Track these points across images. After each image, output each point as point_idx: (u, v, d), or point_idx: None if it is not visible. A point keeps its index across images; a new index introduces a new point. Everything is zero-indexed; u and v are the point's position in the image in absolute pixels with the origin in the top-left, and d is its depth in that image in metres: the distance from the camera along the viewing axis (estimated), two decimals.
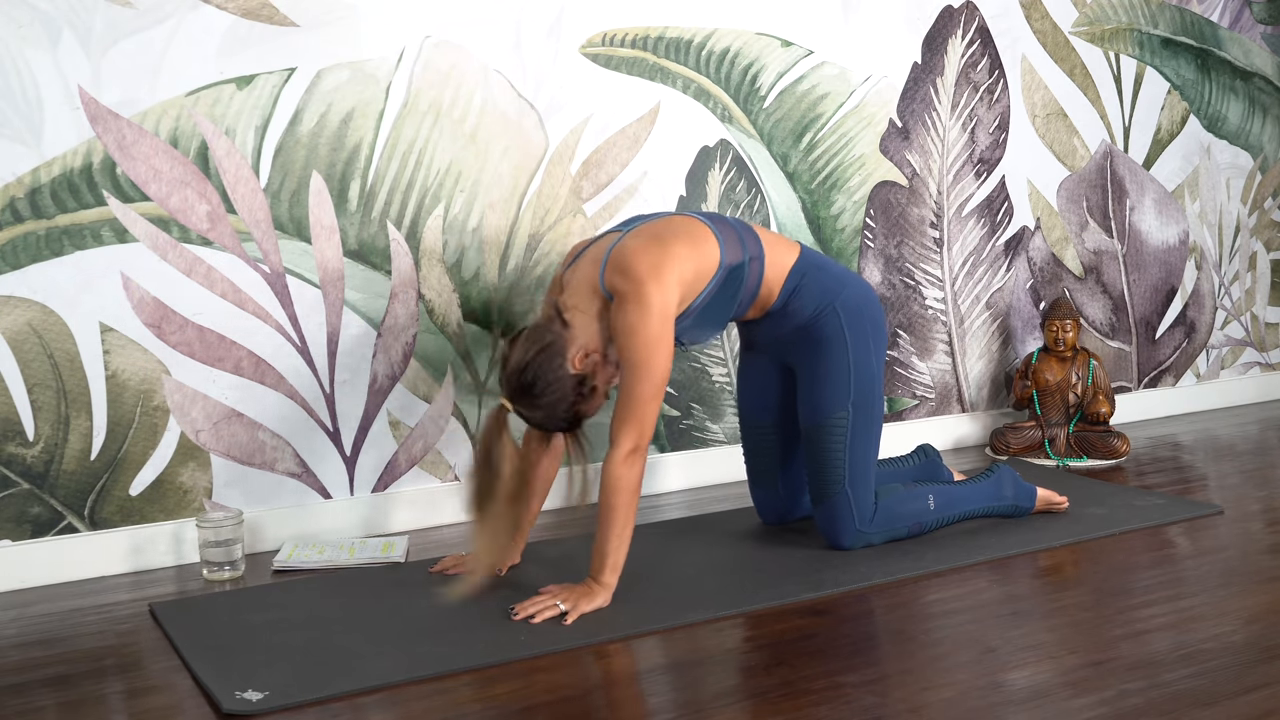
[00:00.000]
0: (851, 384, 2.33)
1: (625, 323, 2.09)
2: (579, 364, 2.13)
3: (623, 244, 2.18)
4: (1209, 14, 3.76)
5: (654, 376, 2.08)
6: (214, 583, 2.32)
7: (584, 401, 2.15)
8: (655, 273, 2.11)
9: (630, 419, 2.08)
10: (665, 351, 2.10)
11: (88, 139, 2.34)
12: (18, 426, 2.33)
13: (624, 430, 2.07)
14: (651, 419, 2.09)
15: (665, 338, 2.10)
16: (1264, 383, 3.99)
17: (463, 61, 2.66)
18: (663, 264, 2.13)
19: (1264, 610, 2.00)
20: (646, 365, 2.08)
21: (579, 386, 2.13)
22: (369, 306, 2.61)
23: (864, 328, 2.35)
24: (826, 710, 1.65)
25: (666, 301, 2.11)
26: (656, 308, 2.09)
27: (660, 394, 2.10)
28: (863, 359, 2.34)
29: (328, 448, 2.59)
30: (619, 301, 2.12)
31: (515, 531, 2.30)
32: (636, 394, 2.08)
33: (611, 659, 1.87)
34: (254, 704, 1.71)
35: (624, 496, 2.05)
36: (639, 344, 2.08)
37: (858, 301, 2.36)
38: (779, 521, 2.57)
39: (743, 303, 2.31)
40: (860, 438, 2.34)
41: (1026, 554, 2.34)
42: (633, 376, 2.08)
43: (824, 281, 2.34)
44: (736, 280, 2.26)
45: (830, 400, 2.33)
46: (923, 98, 3.25)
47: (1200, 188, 3.81)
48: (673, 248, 2.16)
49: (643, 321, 2.08)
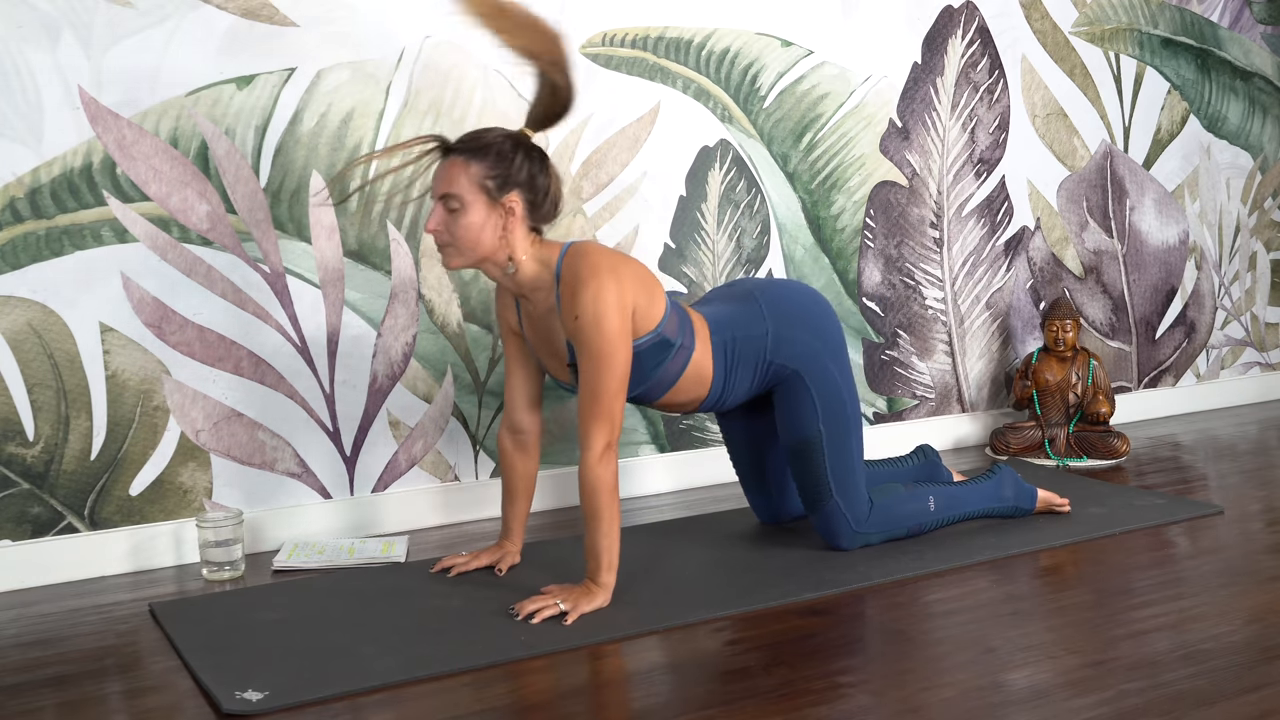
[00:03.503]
0: (817, 407, 2.31)
1: (588, 311, 2.03)
2: (510, 206, 2.07)
3: (585, 240, 2.16)
4: (1209, 14, 3.76)
5: (618, 370, 2.05)
6: (214, 583, 2.32)
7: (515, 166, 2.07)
8: (614, 270, 2.07)
9: (599, 415, 2.05)
10: (627, 346, 2.07)
11: (88, 139, 2.34)
12: (18, 426, 2.33)
13: (594, 429, 2.05)
14: (620, 413, 2.06)
15: (627, 333, 2.07)
16: (1264, 383, 3.99)
17: (463, 61, 2.66)
18: (622, 268, 2.09)
19: (1264, 610, 2.00)
20: (611, 358, 2.05)
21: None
22: (369, 306, 2.61)
23: (811, 353, 2.30)
24: (826, 710, 1.65)
25: (624, 300, 2.07)
26: (615, 302, 2.05)
27: (625, 389, 2.07)
28: (821, 380, 2.31)
29: (328, 448, 2.60)
30: (579, 286, 2.05)
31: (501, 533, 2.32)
32: (603, 388, 2.05)
33: (611, 659, 1.87)
34: (254, 704, 1.71)
35: (605, 495, 2.04)
36: (603, 336, 2.04)
37: (791, 334, 2.30)
38: (776, 521, 2.57)
39: (660, 382, 2.22)
40: (838, 450, 2.33)
41: (1026, 554, 2.34)
42: (598, 370, 2.04)
43: (748, 342, 2.28)
44: (662, 355, 2.18)
45: (801, 425, 2.32)
46: (923, 98, 3.25)
47: (1200, 188, 3.81)
48: (634, 265, 2.13)
49: (606, 312, 2.04)
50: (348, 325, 2.59)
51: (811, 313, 2.35)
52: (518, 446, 2.32)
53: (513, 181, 2.06)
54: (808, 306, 2.35)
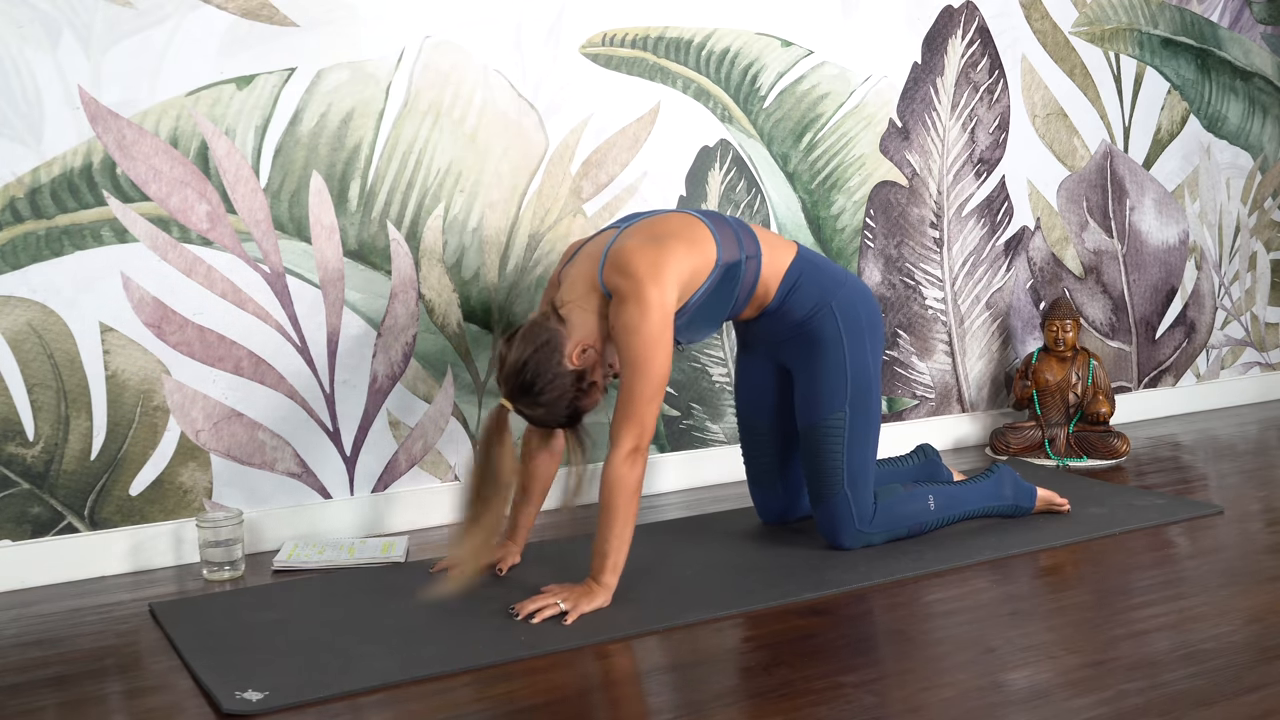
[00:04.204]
0: (848, 385, 2.33)
1: (625, 322, 2.09)
2: (576, 359, 2.13)
3: (621, 243, 2.18)
4: (1209, 14, 3.76)
5: (654, 376, 2.08)
6: (214, 583, 2.32)
7: (583, 397, 2.16)
8: (654, 272, 2.11)
9: (631, 418, 2.08)
10: (665, 351, 2.10)
11: (88, 139, 2.34)
12: (18, 426, 2.33)
13: (624, 430, 2.07)
14: (652, 418, 2.09)
15: (665, 337, 2.10)
16: (1264, 383, 3.99)
17: (463, 62, 2.66)
18: (661, 263, 2.13)
19: (1264, 610, 2.00)
20: (647, 364, 2.08)
21: (578, 382, 2.13)
22: (369, 306, 2.61)
23: (860, 328, 2.35)
24: (826, 710, 1.65)
25: (665, 301, 2.11)
26: (656, 307, 2.09)
27: (660, 393, 2.10)
28: (859, 359, 2.34)
29: (328, 448, 2.59)
30: (618, 300, 2.12)
31: (506, 533, 2.31)
32: (637, 393, 2.08)
33: (611, 659, 1.87)
34: (254, 704, 1.71)
35: (625, 497, 2.05)
36: (639, 343, 2.08)
37: (854, 301, 2.35)
38: (779, 521, 2.57)
39: (739, 301, 2.30)
40: (858, 438, 2.34)
41: (1026, 554, 2.34)
42: (633, 375, 2.08)
43: (821, 281, 2.34)
44: (733, 278, 2.26)
45: (827, 401, 2.33)
46: (923, 98, 3.25)
47: (1200, 188, 3.81)
48: (670, 247, 2.16)
49: (643, 320, 2.08)
50: (348, 325, 2.59)
51: (873, 309, 2.41)
52: (544, 448, 2.32)
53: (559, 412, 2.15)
54: (872, 304, 2.41)
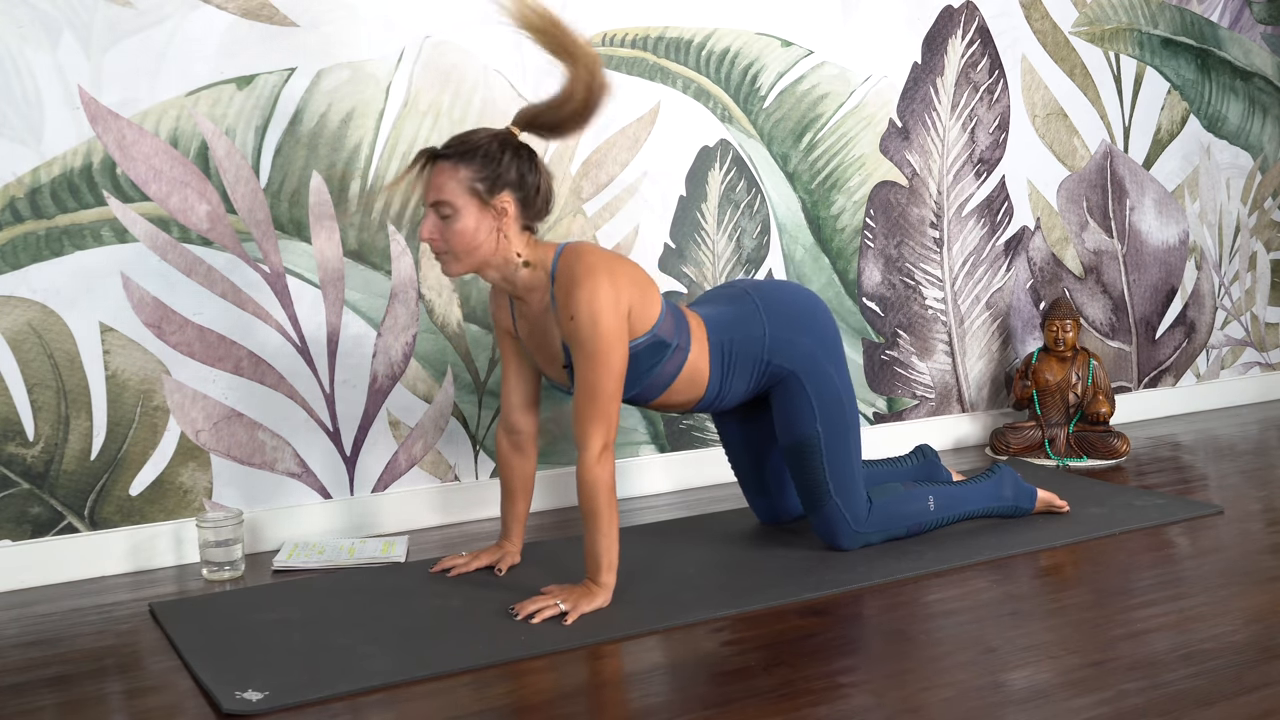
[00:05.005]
0: (814, 408, 2.31)
1: (584, 311, 2.03)
2: (499, 213, 2.06)
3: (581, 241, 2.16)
4: (1209, 14, 3.76)
5: (615, 371, 2.05)
6: (214, 583, 2.32)
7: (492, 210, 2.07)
8: (610, 270, 2.07)
9: (597, 417, 2.05)
10: (624, 347, 2.07)
11: (88, 139, 2.34)
12: (18, 426, 2.33)
13: (591, 430, 2.04)
14: (616, 414, 2.06)
15: (623, 334, 2.07)
16: (1264, 383, 3.99)
17: (463, 62, 2.66)
18: (617, 268, 2.09)
19: (1264, 610, 2.00)
20: (608, 358, 2.04)
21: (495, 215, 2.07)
22: (369, 306, 2.61)
23: (805, 352, 2.30)
24: (825, 710, 1.65)
25: (619, 300, 2.06)
26: (611, 302, 2.05)
27: (621, 388, 2.07)
28: (818, 381, 2.31)
29: (328, 448, 2.60)
30: (570, 284, 2.05)
31: (502, 533, 2.32)
32: (599, 388, 2.04)
33: (610, 659, 1.87)
34: (254, 704, 1.71)
35: (604, 496, 2.04)
36: (599, 336, 2.03)
37: (785, 337, 2.29)
38: (776, 521, 2.57)
39: (652, 382, 2.21)
40: (836, 451, 2.32)
41: (1026, 554, 2.34)
42: (595, 370, 2.04)
43: (745, 344, 2.27)
44: (658, 356, 2.18)
45: (799, 424, 2.31)
46: (923, 98, 3.25)
47: (1200, 188, 3.81)
48: (628, 266, 2.13)
49: (601, 312, 2.03)
50: (348, 325, 2.59)
51: (808, 314, 2.34)
52: (514, 447, 2.32)
53: (502, 181, 2.05)
54: (804, 307, 2.35)
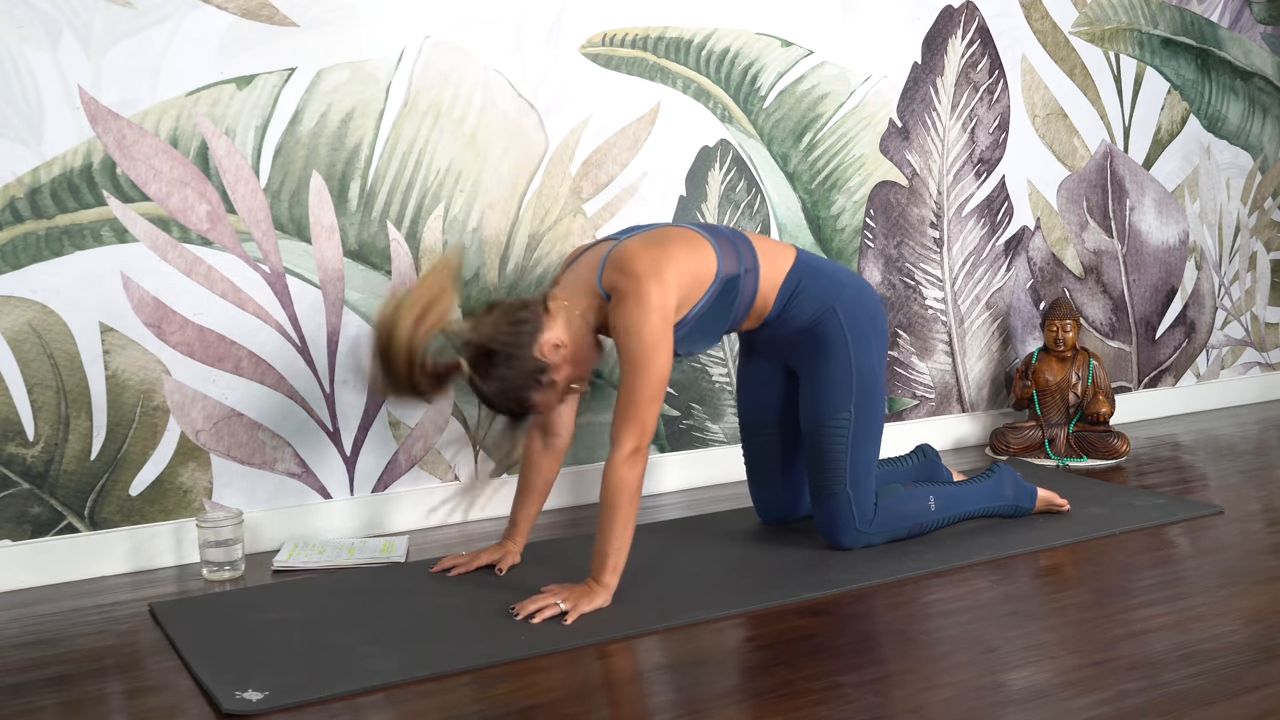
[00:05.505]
0: (854, 386, 2.33)
1: (626, 320, 2.09)
2: (546, 352, 2.11)
3: (622, 245, 2.18)
4: (1209, 14, 3.76)
5: (655, 376, 2.08)
6: (214, 583, 2.32)
7: (537, 390, 2.11)
8: (655, 271, 2.11)
9: (631, 419, 2.07)
10: (666, 351, 2.10)
11: (88, 139, 2.34)
12: (18, 426, 2.33)
13: (625, 431, 2.07)
14: (653, 419, 2.09)
15: (666, 337, 2.10)
16: (1264, 383, 3.99)
17: (463, 61, 2.66)
18: (662, 263, 2.13)
19: (1264, 610, 2.00)
20: (648, 364, 2.07)
21: (538, 373, 2.10)
22: (369, 306, 2.61)
23: (864, 328, 2.35)
24: (826, 710, 1.65)
25: (666, 301, 2.11)
26: (656, 306, 2.09)
27: (661, 394, 2.10)
28: (864, 359, 2.34)
29: (328, 448, 2.60)
30: (618, 299, 2.12)
31: (506, 531, 2.32)
32: (637, 393, 2.07)
33: (611, 659, 1.87)
34: (254, 704, 1.71)
35: (625, 497, 2.05)
36: (640, 342, 2.07)
37: (857, 302, 2.35)
38: (779, 521, 2.57)
39: (738, 314, 2.30)
40: (862, 439, 2.34)
41: (1026, 554, 2.34)
42: (634, 375, 2.08)
43: (822, 284, 2.34)
44: (732, 292, 2.25)
45: (833, 402, 2.33)
46: (923, 98, 3.25)
47: (1200, 188, 3.81)
48: (672, 251, 2.16)
49: (644, 320, 2.08)
50: (348, 325, 2.59)
51: (878, 310, 2.40)
52: (547, 448, 2.32)
53: (513, 374, 2.10)
54: (877, 304, 2.41)
